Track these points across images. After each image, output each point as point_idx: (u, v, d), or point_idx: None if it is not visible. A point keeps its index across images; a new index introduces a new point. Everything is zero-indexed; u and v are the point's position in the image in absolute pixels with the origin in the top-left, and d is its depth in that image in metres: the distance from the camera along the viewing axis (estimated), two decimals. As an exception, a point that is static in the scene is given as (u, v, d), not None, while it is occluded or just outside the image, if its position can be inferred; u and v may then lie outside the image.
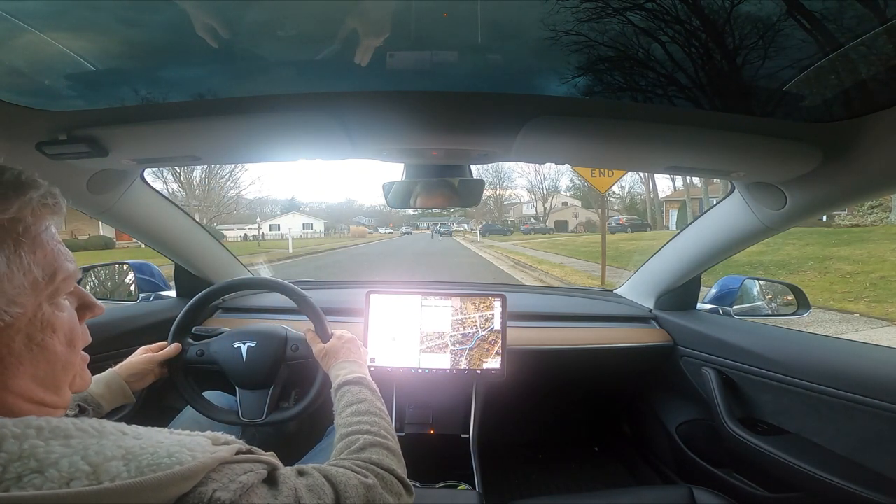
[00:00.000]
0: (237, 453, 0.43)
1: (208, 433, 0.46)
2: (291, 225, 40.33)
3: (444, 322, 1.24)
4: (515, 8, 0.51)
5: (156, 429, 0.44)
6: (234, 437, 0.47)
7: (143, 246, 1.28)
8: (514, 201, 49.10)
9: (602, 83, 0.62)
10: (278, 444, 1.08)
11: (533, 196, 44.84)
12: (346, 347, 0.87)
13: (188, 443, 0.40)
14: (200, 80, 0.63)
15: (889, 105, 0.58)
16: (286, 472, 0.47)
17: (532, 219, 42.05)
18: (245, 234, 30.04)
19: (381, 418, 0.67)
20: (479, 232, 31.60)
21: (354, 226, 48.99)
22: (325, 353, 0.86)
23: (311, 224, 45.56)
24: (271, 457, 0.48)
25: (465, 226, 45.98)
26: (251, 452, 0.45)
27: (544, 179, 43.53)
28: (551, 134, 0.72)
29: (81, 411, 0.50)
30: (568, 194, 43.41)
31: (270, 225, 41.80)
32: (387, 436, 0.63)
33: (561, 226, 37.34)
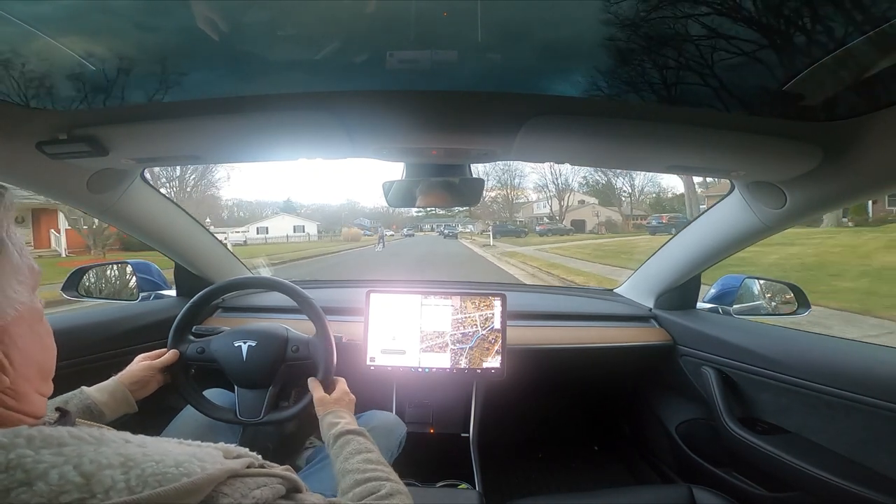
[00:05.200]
0: (248, 467, 0.42)
1: (220, 444, 0.44)
2: (282, 227, 37.49)
3: (444, 321, 1.24)
4: (516, 7, 0.50)
5: (164, 439, 0.43)
6: (246, 450, 0.46)
7: (98, 255, 1.24)
8: (521, 200, 45.30)
9: (602, 82, 0.61)
10: (277, 443, 1.08)
11: (547, 193, 40.63)
12: (348, 405, 0.87)
13: (199, 453, 0.39)
14: (200, 80, 0.63)
15: (889, 105, 0.58)
16: (310, 499, 0.45)
17: (545, 218, 38.42)
18: (226, 237, 28.38)
19: (392, 470, 0.67)
20: (491, 234, 26.47)
21: (348, 228, 42.38)
22: (326, 401, 0.85)
23: (303, 226, 41.39)
24: (287, 472, 0.46)
25: (471, 227, 42.55)
26: (263, 466, 0.44)
27: (559, 175, 38.88)
28: (551, 133, 0.72)
29: (62, 415, 0.47)
30: (582, 191, 39.52)
31: (258, 228, 38.24)
32: (405, 489, 0.63)
33: (578, 226, 33.81)
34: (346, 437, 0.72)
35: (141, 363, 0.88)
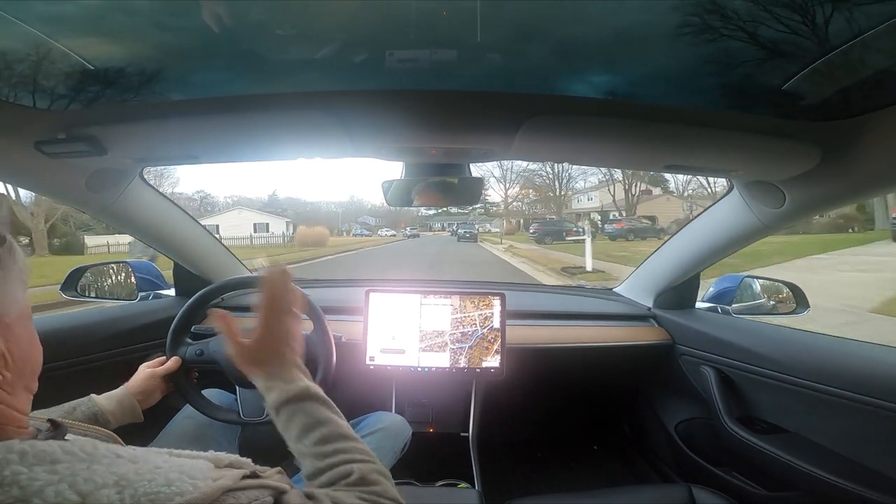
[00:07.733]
0: (242, 478, 0.41)
1: (210, 454, 0.45)
2: (235, 224, 27.94)
3: (444, 320, 1.24)
4: (515, 6, 0.50)
5: (154, 450, 0.43)
6: (237, 458, 0.46)
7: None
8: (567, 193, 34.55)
9: (602, 82, 0.61)
10: (277, 441, 1.08)
11: (609, 177, 27.86)
12: (281, 358, 0.61)
13: (188, 468, 0.38)
14: (200, 79, 0.63)
15: (889, 104, 0.58)
16: (294, 499, 0.44)
17: (596, 213, 28.27)
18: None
19: (356, 441, 0.55)
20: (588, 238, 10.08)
21: (308, 227, 28.06)
22: (249, 358, 0.63)
23: (266, 225, 30.90)
24: (277, 474, 0.46)
25: (489, 225, 34.95)
26: (255, 475, 0.44)
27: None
28: (551, 132, 0.72)
29: (54, 426, 0.45)
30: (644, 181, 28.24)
31: (206, 226, 28.67)
32: (374, 459, 0.54)
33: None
34: (288, 410, 0.56)
35: (144, 372, 0.88)
